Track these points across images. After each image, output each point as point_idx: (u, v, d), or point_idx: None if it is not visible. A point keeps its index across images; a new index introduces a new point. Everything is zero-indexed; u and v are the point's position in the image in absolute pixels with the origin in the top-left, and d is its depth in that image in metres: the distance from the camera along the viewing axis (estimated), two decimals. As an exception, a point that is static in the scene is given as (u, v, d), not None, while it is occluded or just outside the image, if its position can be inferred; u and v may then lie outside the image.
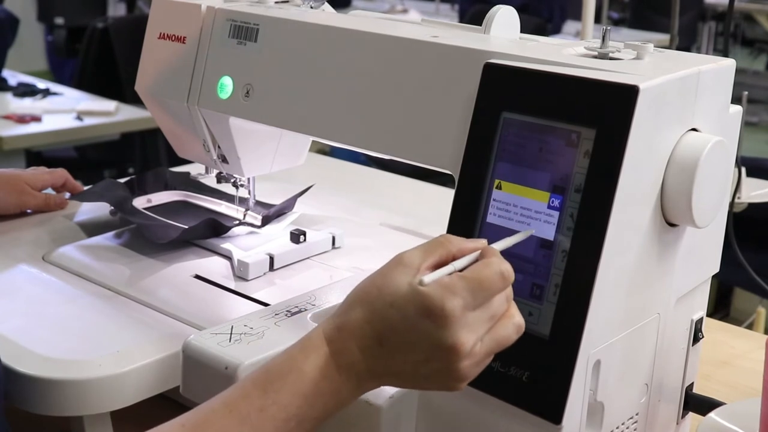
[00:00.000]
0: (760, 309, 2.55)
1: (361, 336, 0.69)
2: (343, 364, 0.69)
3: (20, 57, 5.10)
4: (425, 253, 0.70)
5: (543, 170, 0.76)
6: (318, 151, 2.52)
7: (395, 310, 0.67)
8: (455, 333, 0.66)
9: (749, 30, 7.56)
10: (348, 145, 0.97)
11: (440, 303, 0.66)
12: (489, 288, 0.68)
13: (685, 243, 0.84)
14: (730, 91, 0.86)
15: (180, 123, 1.16)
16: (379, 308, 0.68)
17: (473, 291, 0.67)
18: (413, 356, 0.68)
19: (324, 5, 1.11)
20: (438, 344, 0.67)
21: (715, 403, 0.91)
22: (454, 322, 0.66)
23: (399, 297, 0.67)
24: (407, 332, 0.67)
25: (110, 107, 3.13)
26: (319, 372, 0.69)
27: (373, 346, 0.69)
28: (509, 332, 0.69)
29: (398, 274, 0.68)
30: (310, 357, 0.69)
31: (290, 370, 0.69)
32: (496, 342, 0.69)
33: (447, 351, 0.67)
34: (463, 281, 0.67)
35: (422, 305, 0.66)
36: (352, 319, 0.69)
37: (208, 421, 0.67)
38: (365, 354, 0.69)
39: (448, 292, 0.66)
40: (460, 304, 0.66)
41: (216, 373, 0.80)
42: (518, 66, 0.79)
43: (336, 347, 0.69)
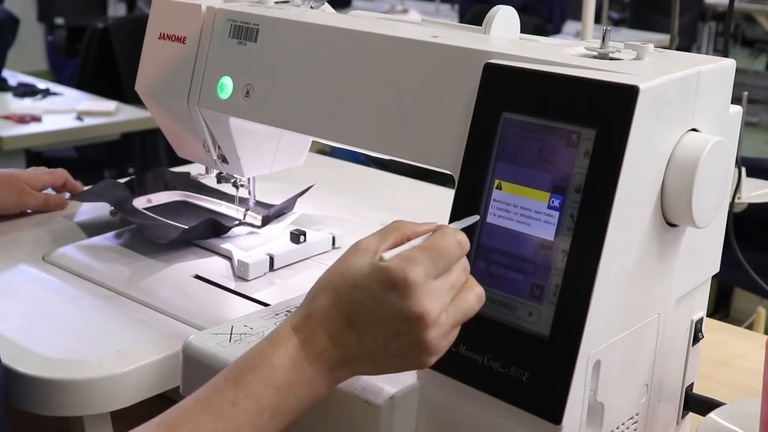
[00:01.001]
0: (760, 309, 2.55)
1: (329, 322, 0.70)
2: (313, 353, 0.70)
3: (20, 57, 5.10)
4: (381, 237, 0.72)
5: (543, 170, 0.75)
6: (318, 151, 2.52)
7: (359, 290, 0.69)
8: (420, 301, 0.68)
9: (749, 30, 7.56)
10: (348, 145, 0.97)
11: (403, 273, 0.67)
12: (447, 256, 0.70)
13: (685, 243, 0.84)
14: (730, 92, 0.86)
15: (180, 123, 1.16)
16: (343, 292, 0.70)
17: (433, 259, 0.69)
18: (382, 333, 0.69)
19: (324, 5, 1.11)
20: (405, 315, 0.68)
21: (715, 403, 0.91)
22: (417, 290, 0.68)
23: (362, 277, 0.69)
24: (374, 309, 0.69)
25: (110, 107, 3.13)
26: (289, 362, 0.69)
27: (341, 331, 0.70)
28: (471, 302, 0.71)
29: (357, 258, 0.70)
30: (278, 348, 0.70)
31: (260, 363, 0.69)
32: (461, 312, 0.71)
33: (415, 321, 0.68)
34: (423, 251, 0.69)
35: (386, 278, 0.68)
36: (317, 306, 0.71)
37: (181, 418, 0.68)
38: (334, 340, 0.70)
39: (409, 262, 0.68)
40: (421, 272, 0.68)
41: (215, 374, 0.80)
42: (518, 66, 0.79)
43: (304, 336, 0.70)
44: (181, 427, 0.67)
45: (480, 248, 0.78)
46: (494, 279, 0.77)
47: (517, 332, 0.75)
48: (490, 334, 0.76)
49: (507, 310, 0.76)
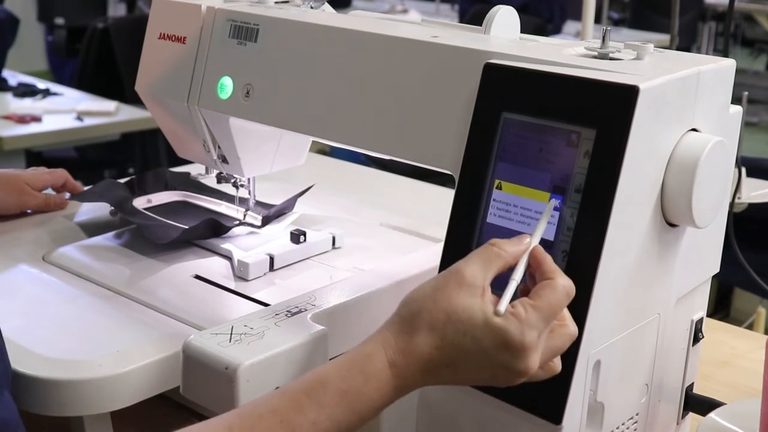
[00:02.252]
0: (760, 309, 2.55)
1: (428, 361, 0.70)
2: (403, 385, 0.70)
3: (20, 57, 5.10)
4: (485, 269, 0.71)
5: (543, 170, 0.75)
6: (318, 151, 2.52)
7: (470, 339, 0.69)
8: (530, 359, 0.69)
9: (749, 30, 7.56)
10: (348, 145, 0.97)
11: (520, 338, 0.68)
12: (558, 312, 0.70)
13: (685, 243, 0.84)
14: (730, 92, 0.86)
15: (180, 123, 1.16)
16: (450, 336, 0.69)
17: (547, 319, 0.69)
18: (480, 374, 0.70)
19: (324, 5, 1.11)
20: (509, 368, 0.69)
21: (715, 403, 0.91)
22: (531, 351, 0.68)
23: (474, 327, 0.68)
24: (480, 359, 0.69)
25: (110, 107, 3.13)
26: (378, 393, 0.70)
27: (438, 369, 0.70)
28: (564, 342, 0.71)
29: (465, 297, 0.69)
30: (370, 380, 0.70)
31: (348, 390, 0.69)
32: (552, 352, 0.71)
33: (517, 374, 0.69)
34: (538, 313, 0.69)
35: (502, 340, 0.68)
36: (419, 344, 0.70)
37: (255, 427, 0.67)
38: (429, 375, 0.70)
39: (526, 326, 0.68)
40: (536, 335, 0.68)
41: (216, 374, 0.80)
42: (518, 66, 0.79)
43: (398, 372, 0.70)
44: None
45: (480, 248, 0.78)
46: (494, 279, 0.77)
47: (517, 332, 0.75)
48: (490, 334, 0.76)
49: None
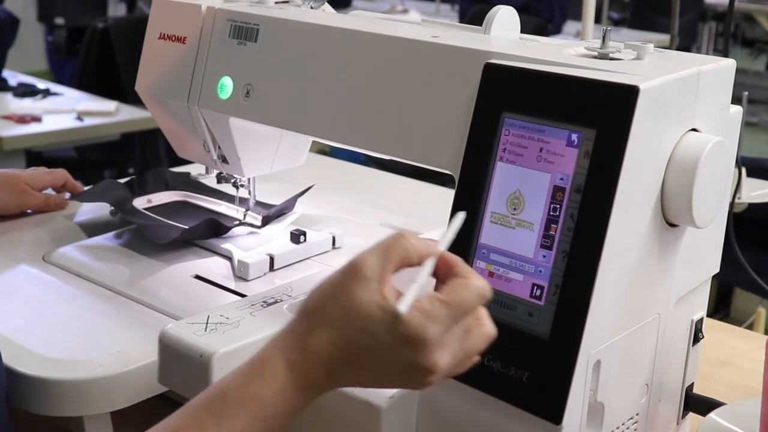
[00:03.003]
0: (760, 309, 2.55)
1: (329, 360, 0.66)
2: (306, 385, 0.67)
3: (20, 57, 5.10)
4: (383, 261, 0.67)
5: (543, 170, 0.76)
6: (318, 151, 2.52)
7: (369, 336, 0.65)
8: (433, 355, 0.65)
9: (749, 30, 7.56)
10: (348, 145, 0.97)
11: (422, 332, 0.64)
12: (468, 309, 0.66)
13: (685, 243, 0.84)
14: (730, 92, 0.86)
15: (180, 123, 1.16)
16: (349, 333, 0.66)
17: (455, 316, 0.65)
18: (384, 373, 0.67)
19: (324, 5, 1.11)
20: (413, 365, 0.65)
21: (715, 403, 0.91)
22: (434, 346, 0.65)
23: (372, 323, 0.65)
24: (381, 355, 0.66)
25: (110, 107, 3.13)
26: (280, 396, 0.66)
27: (340, 368, 0.67)
28: (480, 342, 0.68)
29: (362, 291, 0.65)
30: (269, 382, 0.66)
31: (248, 397, 0.66)
32: (466, 352, 0.68)
33: (422, 371, 0.66)
34: (445, 308, 0.65)
35: (402, 333, 0.64)
36: (316, 342, 0.66)
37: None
38: (331, 374, 0.67)
39: (430, 320, 0.64)
40: (440, 330, 0.65)
41: (191, 362, 0.81)
42: (518, 66, 0.79)
43: (299, 371, 0.66)
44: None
45: (480, 248, 0.78)
46: (494, 279, 0.77)
47: (517, 332, 0.75)
48: (490, 334, 0.76)
49: (507, 310, 0.76)
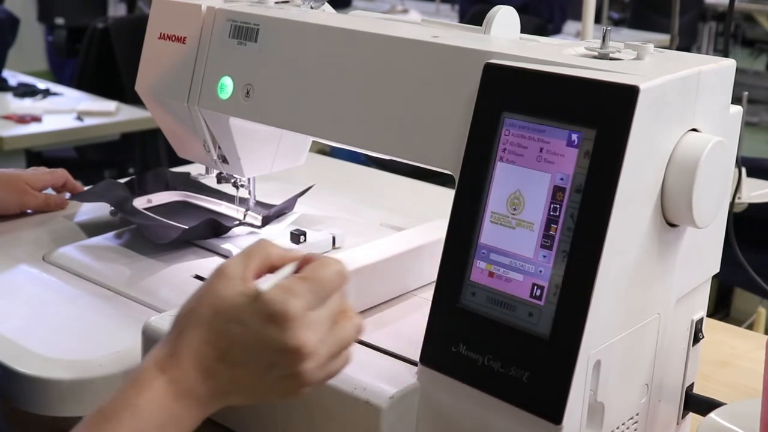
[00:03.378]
0: (760, 309, 2.55)
1: (200, 358, 0.67)
2: (182, 391, 0.66)
3: (20, 57, 5.10)
4: (245, 260, 0.69)
5: (543, 170, 0.76)
6: (318, 151, 2.52)
7: (235, 324, 0.66)
8: (298, 333, 0.66)
9: (749, 30, 7.57)
10: (348, 145, 0.97)
11: (282, 306, 0.65)
12: (328, 287, 0.68)
13: (685, 243, 0.84)
14: (730, 92, 0.86)
15: (180, 123, 1.16)
16: (217, 327, 0.67)
17: (313, 291, 0.67)
18: (257, 365, 0.67)
19: (324, 5, 1.11)
20: (282, 347, 0.66)
21: (715, 404, 0.91)
22: (296, 322, 0.66)
23: (236, 310, 0.66)
24: (250, 342, 0.66)
25: (110, 107, 3.13)
26: (156, 405, 0.66)
27: (213, 366, 0.67)
28: (350, 332, 0.70)
29: (226, 287, 0.67)
30: (143, 391, 0.66)
31: (124, 407, 0.65)
32: (338, 343, 0.69)
33: (291, 353, 0.66)
34: (303, 282, 0.67)
35: (264, 311, 0.65)
36: (186, 342, 0.67)
37: None
38: (206, 375, 0.67)
39: (289, 293, 0.66)
40: (301, 304, 0.66)
41: None
42: (518, 66, 0.79)
43: (172, 376, 0.66)
44: None
45: (480, 248, 0.78)
46: (494, 279, 0.77)
47: (517, 332, 0.75)
48: (490, 334, 0.76)
49: (507, 310, 0.76)
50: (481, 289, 0.78)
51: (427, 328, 0.81)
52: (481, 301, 0.77)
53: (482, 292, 0.78)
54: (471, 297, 0.78)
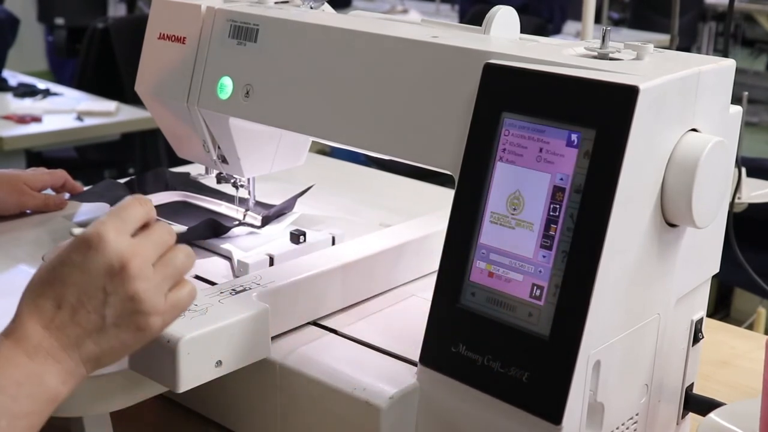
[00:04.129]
0: (760, 309, 2.55)
1: (38, 313, 0.69)
2: (32, 349, 0.68)
3: (20, 57, 5.10)
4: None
5: (543, 170, 0.76)
6: (318, 151, 2.52)
7: (59, 266, 0.70)
8: (117, 250, 0.70)
9: (749, 30, 7.57)
10: (348, 145, 0.97)
11: (95, 230, 0.70)
12: (132, 214, 0.72)
13: (685, 243, 0.84)
14: (730, 92, 0.86)
15: (180, 123, 1.16)
16: (48, 277, 0.70)
17: (119, 216, 0.71)
18: (92, 300, 0.69)
19: (324, 5, 1.11)
20: (107, 269, 0.69)
21: (715, 404, 0.91)
22: (112, 242, 0.70)
23: (61, 256, 0.70)
24: (78, 278, 0.69)
25: (110, 107, 3.13)
26: (10, 364, 0.68)
27: (53, 316, 0.69)
28: (182, 259, 0.74)
29: (54, 251, 0.72)
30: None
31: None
32: (172, 267, 0.73)
33: (118, 273, 0.69)
34: (107, 214, 0.72)
35: (80, 241, 0.70)
36: (25, 303, 0.70)
37: None
38: (49, 328, 0.69)
39: (98, 222, 0.71)
40: (112, 227, 0.70)
41: (159, 347, 0.81)
42: (518, 66, 0.79)
43: (16, 336, 0.69)
44: None
45: (480, 248, 0.78)
46: (494, 279, 0.77)
47: (517, 332, 0.75)
48: (490, 334, 0.76)
49: (507, 310, 0.76)
50: (481, 289, 0.78)
51: (426, 328, 0.81)
52: (480, 301, 0.78)
53: (482, 292, 0.78)
54: (471, 297, 0.78)
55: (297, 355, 0.90)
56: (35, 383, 0.68)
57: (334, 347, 0.92)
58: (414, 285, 1.08)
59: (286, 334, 0.94)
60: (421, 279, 1.09)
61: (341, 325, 0.97)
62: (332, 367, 0.87)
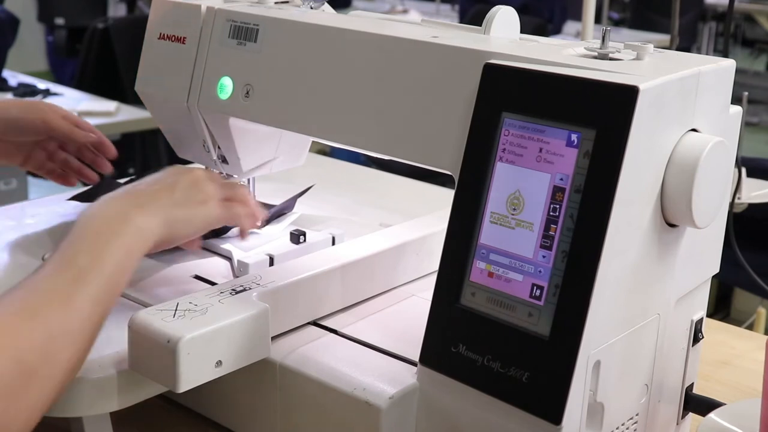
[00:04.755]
0: (760, 309, 2.55)
1: (125, 198, 0.86)
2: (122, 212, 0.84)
3: (20, 57, 5.10)
4: None
5: (543, 170, 0.76)
6: (318, 151, 2.52)
7: (147, 180, 0.90)
8: (193, 170, 0.93)
9: (749, 30, 7.57)
10: (348, 145, 0.97)
11: (189, 168, 0.94)
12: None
13: (685, 243, 0.84)
14: (730, 92, 0.86)
15: (180, 123, 1.16)
16: (130, 188, 0.89)
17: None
18: (160, 184, 0.89)
19: (324, 5, 1.11)
20: (180, 172, 0.91)
21: (715, 404, 0.91)
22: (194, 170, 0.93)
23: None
24: (156, 177, 0.90)
25: (111, 107, 3.13)
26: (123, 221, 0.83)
27: (130, 189, 0.88)
28: (243, 192, 0.98)
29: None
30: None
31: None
32: (232, 190, 0.95)
33: (188, 171, 0.92)
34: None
35: (172, 169, 0.92)
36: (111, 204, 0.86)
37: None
38: (129, 192, 0.87)
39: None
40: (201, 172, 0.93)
41: (159, 347, 0.82)
42: (518, 66, 0.79)
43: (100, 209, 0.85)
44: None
45: (480, 248, 0.78)
46: (494, 279, 0.77)
47: (517, 332, 0.75)
48: (489, 334, 0.76)
49: (507, 310, 0.76)
50: (481, 289, 0.78)
51: (426, 328, 0.81)
52: (480, 301, 0.78)
53: (482, 292, 0.78)
54: (471, 297, 0.78)
55: (297, 355, 0.90)
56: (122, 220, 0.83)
57: (334, 347, 0.92)
58: (414, 285, 1.08)
59: (286, 334, 0.94)
60: (421, 279, 1.09)
61: (341, 325, 0.97)
62: (332, 367, 0.87)
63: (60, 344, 0.73)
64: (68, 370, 0.75)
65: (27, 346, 0.70)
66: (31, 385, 0.70)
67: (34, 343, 0.71)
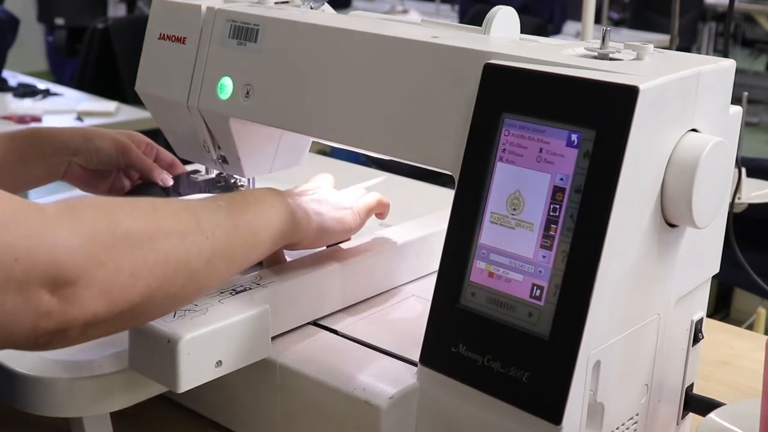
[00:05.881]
0: (760, 309, 2.55)
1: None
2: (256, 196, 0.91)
3: (20, 57, 5.10)
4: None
5: (543, 170, 0.76)
6: (318, 151, 2.52)
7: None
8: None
9: (749, 30, 7.57)
10: (348, 146, 0.97)
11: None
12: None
13: (685, 243, 0.84)
14: (730, 92, 0.86)
15: (180, 123, 1.16)
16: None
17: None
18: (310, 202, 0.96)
19: (324, 6, 1.11)
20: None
21: (715, 404, 0.91)
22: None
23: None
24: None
25: (111, 108, 3.13)
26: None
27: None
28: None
29: None
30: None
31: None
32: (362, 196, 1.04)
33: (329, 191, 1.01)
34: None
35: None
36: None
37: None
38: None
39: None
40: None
41: (159, 347, 0.82)
42: (518, 67, 0.79)
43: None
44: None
45: (480, 248, 0.78)
46: (494, 279, 0.77)
47: (517, 332, 0.75)
48: (489, 334, 0.77)
49: (507, 310, 0.76)
50: (481, 289, 0.78)
51: (426, 328, 0.81)
52: (480, 301, 0.78)
53: (482, 292, 0.78)
54: (471, 297, 0.78)
55: (297, 355, 0.90)
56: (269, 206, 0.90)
57: (334, 347, 0.92)
58: (414, 285, 1.08)
59: (286, 334, 0.94)
60: (421, 279, 1.09)
61: (341, 325, 0.97)
62: (332, 367, 0.87)
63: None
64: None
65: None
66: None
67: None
